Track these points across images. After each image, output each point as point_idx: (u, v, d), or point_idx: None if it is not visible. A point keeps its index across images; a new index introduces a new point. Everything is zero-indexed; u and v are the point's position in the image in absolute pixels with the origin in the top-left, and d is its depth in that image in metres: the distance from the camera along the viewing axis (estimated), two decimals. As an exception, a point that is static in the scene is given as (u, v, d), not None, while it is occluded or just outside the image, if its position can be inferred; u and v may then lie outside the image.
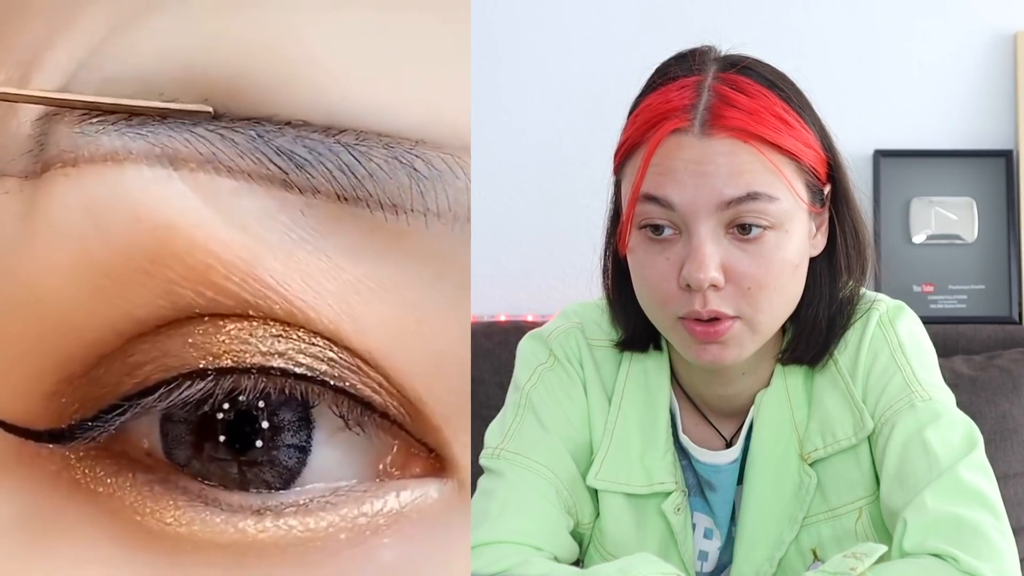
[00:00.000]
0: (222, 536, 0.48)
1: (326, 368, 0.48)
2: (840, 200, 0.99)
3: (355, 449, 0.50)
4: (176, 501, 0.48)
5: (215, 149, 0.47)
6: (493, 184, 1.90)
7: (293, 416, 0.49)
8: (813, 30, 1.89)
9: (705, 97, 0.91)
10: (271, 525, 0.48)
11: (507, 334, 1.66)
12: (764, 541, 1.00)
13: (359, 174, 0.48)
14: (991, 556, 0.87)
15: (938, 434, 0.95)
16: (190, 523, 0.48)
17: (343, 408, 0.49)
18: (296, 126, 0.47)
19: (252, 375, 0.48)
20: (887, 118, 1.89)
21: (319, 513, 0.49)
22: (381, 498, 0.49)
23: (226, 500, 0.48)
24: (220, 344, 0.48)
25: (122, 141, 0.47)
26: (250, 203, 0.48)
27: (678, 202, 0.90)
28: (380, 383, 0.49)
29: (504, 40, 1.92)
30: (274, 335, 0.48)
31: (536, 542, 0.95)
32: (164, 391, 0.48)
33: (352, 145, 0.48)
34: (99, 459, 0.49)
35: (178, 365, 0.48)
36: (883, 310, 1.02)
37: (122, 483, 0.49)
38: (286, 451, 0.49)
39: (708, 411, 1.04)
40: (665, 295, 0.92)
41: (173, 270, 0.47)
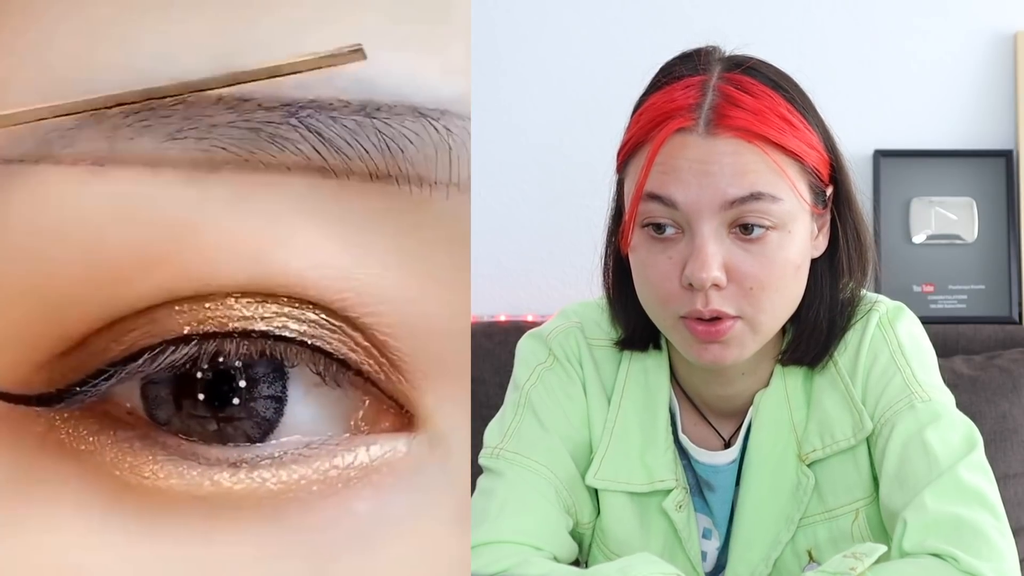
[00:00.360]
0: (198, 489, 0.49)
1: (305, 328, 0.50)
2: (842, 201, 0.99)
3: (329, 405, 0.51)
4: (155, 456, 0.49)
5: (253, 148, 0.48)
6: (493, 184, 1.90)
7: (270, 374, 0.51)
8: (813, 30, 1.89)
9: (710, 97, 0.91)
10: (245, 478, 0.49)
11: (507, 334, 1.66)
12: (760, 541, 1.00)
13: (393, 150, 0.49)
14: (991, 556, 0.87)
15: (938, 435, 0.95)
16: (167, 477, 0.49)
17: (320, 366, 0.50)
18: (336, 107, 0.48)
19: (234, 339, 0.49)
20: (887, 118, 1.89)
21: (292, 466, 0.50)
22: (352, 451, 0.51)
23: (204, 454, 0.50)
24: (204, 311, 0.49)
25: (159, 146, 0.48)
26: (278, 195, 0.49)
27: (681, 201, 0.90)
28: (357, 341, 0.50)
29: (504, 40, 1.92)
30: (258, 301, 0.49)
31: (536, 542, 0.95)
32: (149, 356, 0.49)
33: (387, 120, 0.49)
34: (83, 419, 0.50)
35: (163, 332, 0.49)
36: (883, 311, 1.02)
37: (103, 441, 0.50)
38: (263, 407, 0.51)
39: (707, 411, 1.04)
40: (667, 294, 0.93)
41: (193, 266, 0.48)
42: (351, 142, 0.48)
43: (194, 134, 0.48)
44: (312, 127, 0.48)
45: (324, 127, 0.48)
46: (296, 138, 0.48)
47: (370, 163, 0.49)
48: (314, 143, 0.48)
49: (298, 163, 0.48)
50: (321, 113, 0.48)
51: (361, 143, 0.48)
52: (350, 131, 0.48)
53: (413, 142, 0.49)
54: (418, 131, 0.49)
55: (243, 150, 0.48)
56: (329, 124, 0.48)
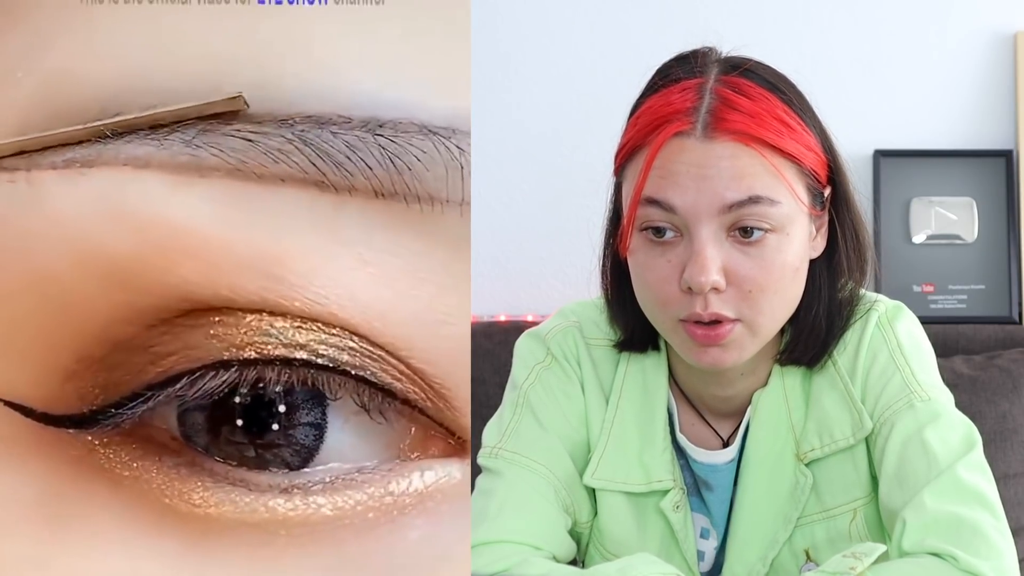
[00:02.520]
0: (252, 515, 0.48)
1: (347, 358, 0.49)
2: (840, 202, 0.99)
3: (372, 432, 0.51)
4: (203, 483, 0.49)
5: (245, 158, 0.48)
6: (493, 184, 1.90)
7: (309, 401, 0.50)
8: (813, 30, 1.89)
9: (707, 100, 0.91)
10: (300, 503, 0.49)
11: (507, 334, 1.66)
12: (758, 541, 1.00)
13: (399, 167, 0.48)
14: (990, 555, 0.87)
15: (937, 434, 0.95)
16: (219, 504, 0.49)
17: (364, 397, 0.50)
18: (337, 123, 0.48)
19: (275, 367, 0.49)
20: (887, 118, 1.89)
21: (346, 492, 0.49)
22: (406, 477, 0.50)
23: (253, 480, 0.49)
24: (241, 336, 0.49)
25: (144, 150, 0.48)
26: (277, 205, 0.48)
27: (680, 205, 0.90)
28: (401, 370, 0.50)
29: (505, 40, 1.92)
30: (295, 327, 0.49)
31: (535, 541, 0.95)
32: (187, 381, 0.49)
33: (392, 138, 0.48)
34: (124, 444, 0.49)
35: (202, 356, 0.49)
36: (882, 311, 1.02)
37: (148, 467, 0.49)
38: (302, 433, 0.50)
39: (705, 411, 1.04)
40: (666, 297, 0.93)
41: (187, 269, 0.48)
42: (352, 157, 0.48)
43: (180, 138, 0.48)
44: (309, 141, 0.48)
45: (322, 141, 0.48)
46: (291, 150, 0.48)
47: (374, 180, 0.48)
48: (311, 156, 0.48)
49: (293, 175, 0.48)
50: (321, 128, 0.48)
51: (364, 159, 0.48)
52: (351, 146, 0.48)
53: (420, 159, 0.48)
54: (426, 149, 0.49)
55: (234, 158, 0.48)
56: (328, 139, 0.48)
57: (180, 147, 0.48)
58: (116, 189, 0.48)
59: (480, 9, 1.87)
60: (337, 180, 0.48)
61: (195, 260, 0.48)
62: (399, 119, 0.48)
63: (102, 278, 0.48)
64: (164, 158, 0.48)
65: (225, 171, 0.48)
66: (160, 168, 0.48)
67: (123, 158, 0.48)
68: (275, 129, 0.48)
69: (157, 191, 0.48)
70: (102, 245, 0.48)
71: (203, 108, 0.47)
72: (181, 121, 0.48)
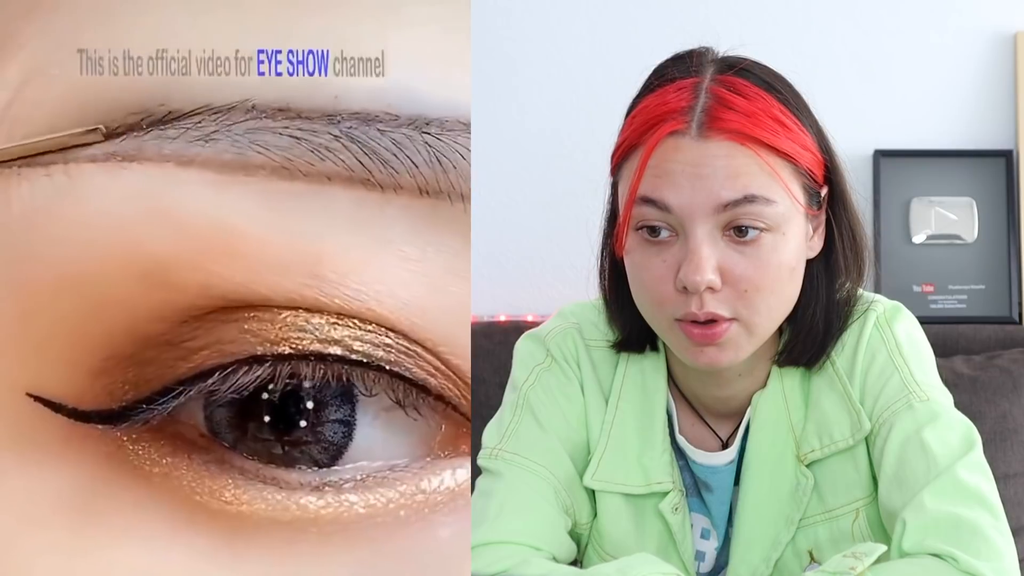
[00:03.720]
0: (284, 513, 0.48)
1: (382, 354, 0.49)
2: (837, 202, 0.99)
3: (404, 429, 0.51)
4: (235, 480, 0.49)
5: (291, 155, 0.47)
6: (493, 184, 1.90)
7: (338, 398, 0.50)
8: (813, 30, 1.89)
9: (702, 99, 0.91)
10: (332, 501, 0.49)
11: (507, 334, 1.66)
12: (760, 542, 1.00)
13: (444, 165, 0.48)
14: (990, 555, 0.87)
15: (936, 434, 0.95)
16: (251, 501, 0.48)
17: (399, 392, 0.50)
18: (384, 120, 0.48)
19: (310, 362, 0.49)
20: (887, 118, 1.89)
21: (378, 490, 0.49)
22: (438, 475, 0.50)
23: (284, 478, 0.49)
24: (276, 331, 0.48)
25: (188, 147, 0.48)
26: (321, 203, 0.48)
27: (675, 204, 0.90)
28: (436, 366, 0.50)
29: (504, 40, 1.92)
30: (330, 323, 0.48)
31: (535, 542, 0.95)
32: (219, 376, 0.49)
33: (439, 136, 0.48)
34: (153, 441, 0.49)
35: (235, 351, 0.48)
36: (880, 311, 1.02)
37: (178, 464, 0.49)
38: (331, 431, 0.50)
39: (704, 412, 1.04)
40: (662, 297, 0.93)
41: (227, 268, 0.48)
42: (399, 155, 0.48)
43: (228, 136, 0.47)
44: (356, 138, 0.47)
45: (369, 139, 0.47)
46: (338, 148, 0.47)
47: (419, 178, 0.48)
48: (358, 154, 0.47)
49: (339, 173, 0.48)
50: (367, 125, 0.48)
51: (410, 157, 0.48)
52: (398, 144, 0.48)
53: (465, 157, 0.48)
54: (469, 147, 0.48)
55: (280, 156, 0.47)
56: (375, 136, 0.48)
57: (226, 144, 0.47)
58: (157, 186, 0.47)
59: (481, 9, 1.87)
60: (383, 178, 0.48)
61: (235, 260, 0.47)
62: (445, 117, 0.48)
63: (139, 276, 0.48)
64: (209, 156, 0.47)
65: (271, 169, 0.47)
66: (204, 166, 0.47)
67: (167, 154, 0.47)
68: (322, 126, 0.47)
69: (200, 189, 0.47)
70: (141, 243, 0.47)
71: (62, 140, 0.47)
72: (43, 153, 0.47)
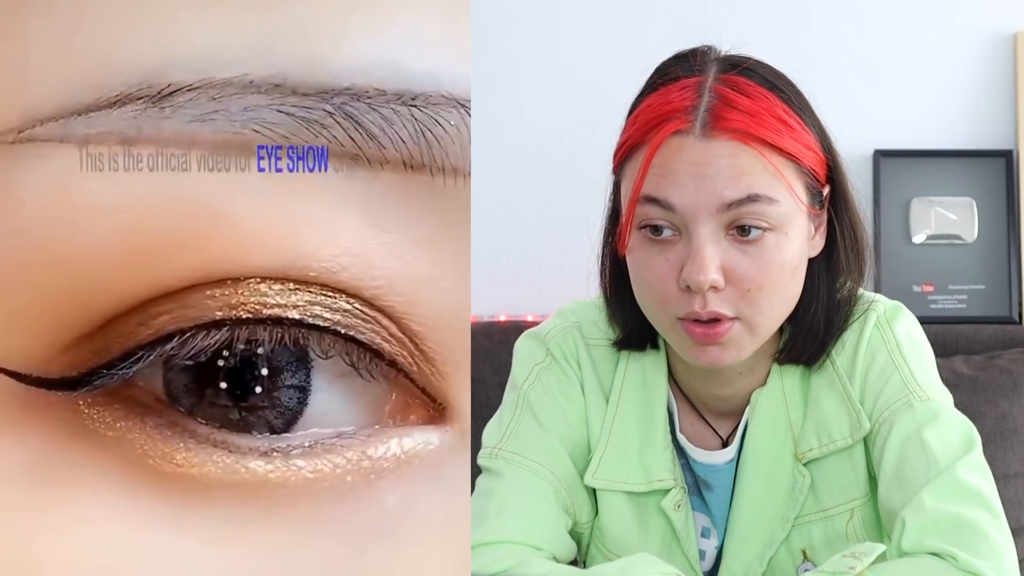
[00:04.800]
0: (233, 476, 0.49)
1: (339, 318, 0.49)
2: (839, 201, 0.99)
3: (354, 396, 0.51)
4: (186, 444, 0.49)
5: (287, 132, 0.48)
6: (493, 184, 1.90)
7: (294, 364, 0.51)
8: (813, 30, 1.89)
9: (706, 99, 0.91)
10: (281, 465, 0.49)
11: (507, 334, 1.66)
12: (755, 540, 1.00)
13: (429, 139, 0.49)
14: (990, 555, 0.87)
15: (936, 434, 0.95)
16: (201, 464, 0.49)
17: (353, 356, 0.50)
18: (372, 95, 0.48)
19: (267, 326, 0.49)
20: (887, 118, 1.89)
21: (326, 456, 0.50)
22: (385, 443, 0.50)
23: (235, 443, 0.49)
24: (238, 297, 0.49)
25: (187, 128, 0.48)
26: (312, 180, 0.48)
27: (678, 204, 0.90)
28: (392, 332, 0.50)
29: (504, 39, 1.92)
30: (290, 288, 0.49)
31: (535, 542, 0.95)
32: (179, 340, 0.49)
33: (424, 108, 0.49)
34: (108, 405, 0.49)
35: (195, 316, 0.49)
36: (880, 311, 1.02)
37: (131, 427, 0.49)
38: (287, 396, 0.51)
39: (705, 410, 1.04)
40: (664, 296, 0.93)
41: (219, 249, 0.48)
42: (387, 130, 0.48)
43: (225, 116, 0.48)
44: (348, 113, 0.48)
45: (359, 114, 0.48)
46: (331, 124, 0.48)
47: (405, 152, 0.49)
48: (349, 130, 0.48)
49: (332, 150, 0.48)
50: (358, 101, 0.48)
51: (397, 131, 0.48)
52: (386, 119, 0.48)
53: (447, 131, 0.49)
54: (454, 120, 0.49)
55: (276, 134, 0.48)
56: (365, 111, 0.48)
57: (224, 123, 0.48)
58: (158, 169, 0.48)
59: (481, 8, 1.87)
60: (371, 152, 0.48)
61: (229, 241, 0.48)
62: (428, 91, 0.49)
63: (129, 258, 0.48)
64: (207, 136, 0.48)
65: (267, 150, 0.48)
66: (203, 147, 0.48)
67: (166, 136, 0.48)
68: (316, 103, 0.48)
69: (200, 171, 0.48)
70: (135, 225, 0.47)
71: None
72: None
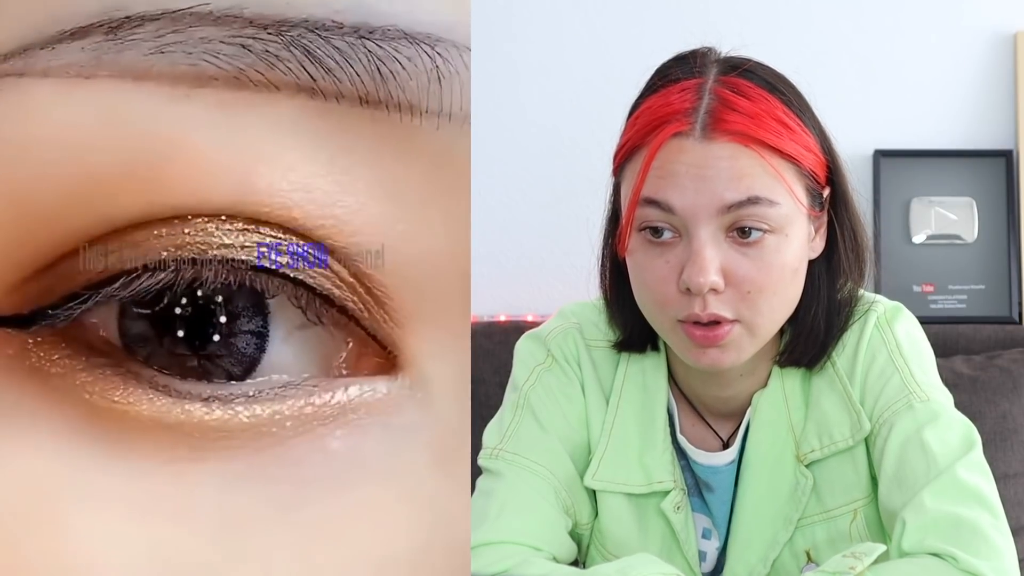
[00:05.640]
0: (168, 416, 0.49)
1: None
2: (839, 203, 0.99)
3: (310, 347, 0.51)
4: (126, 383, 0.49)
5: (243, 64, 0.47)
6: (493, 183, 1.90)
7: (249, 310, 0.50)
8: (813, 30, 1.89)
9: (706, 100, 0.91)
10: (218, 410, 0.49)
11: (507, 334, 1.66)
12: (758, 542, 1.00)
13: (384, 74, 0.48)
14: (990, 555, 0.87)
15: (936, 434, 0.95)
16: (137, 402, 0.49)
17: (301, 300, 0.50)
18: (329, 28, 0.48)
19: (213, 266, 0.49)
20: (887, 118, 1.89)
21: (266, 403, 0.50)
22: (329, 391, 0.50)
23: (176, 387, 0.49)
24: (184, 236, 0.48)
25: (145, 59, 0.47)
26: (265, 114, 0.48)
27: (678, 206, 0.90)
28: (341, 276, 0.49)
29: (504, 39, 1.92)
30: (239, 228, 0.48)
31: (535, 542, 0.95)
32: (124, 280, 0.49)
33: (380, 43, 0.48)
34: (55, 344, 0.49)
35: (141, 255, 0.48)
36: (881, 311, 1.02)
37: (75, 365, 0.49)
38: (243, 344, 0.50)
39: (705, 412, 1.04)
40: (664, 298, 0.93)
41: (175, 185, 0.48)
42: (342, 64, 0.48)
43: (182, 48, 0.47)
44: (303, 46, 0.47)
45: (315, 47, 0.47)
46: (286, 56, 0.47)
47: (360, 87, 0.48)
48: (303, 62, 0.47)
49: (287, 82, 0.48)
50: (313, 33, 0.47)
51: (352, 66, 0.48)
52: (341, 53, 0.48)
53: (405, 67, 0.48)
54: (410, 56, 0.48)
55: (232, 66, 0.47)
56: (320, 44, 0.47)
57: (180, 56, 0.47)
58: (114, 102, 0.47)
59: (481, 9, 1.87)
60: (326, 86, 0.48)
61: (185, 175, 0.47)
62: (387, 25, 0.48)
63: (86, 194, 0.47)
64: (164, 68, 0.47)
65: (223, 80, 0.47)
66: (159, 79, 0.47)
67: (123, 68, 0.47)
68: (271, 35, 0.47)
69: (156, 104, 0.47)
70: (91, 163, 0.47)
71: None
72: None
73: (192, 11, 0.47)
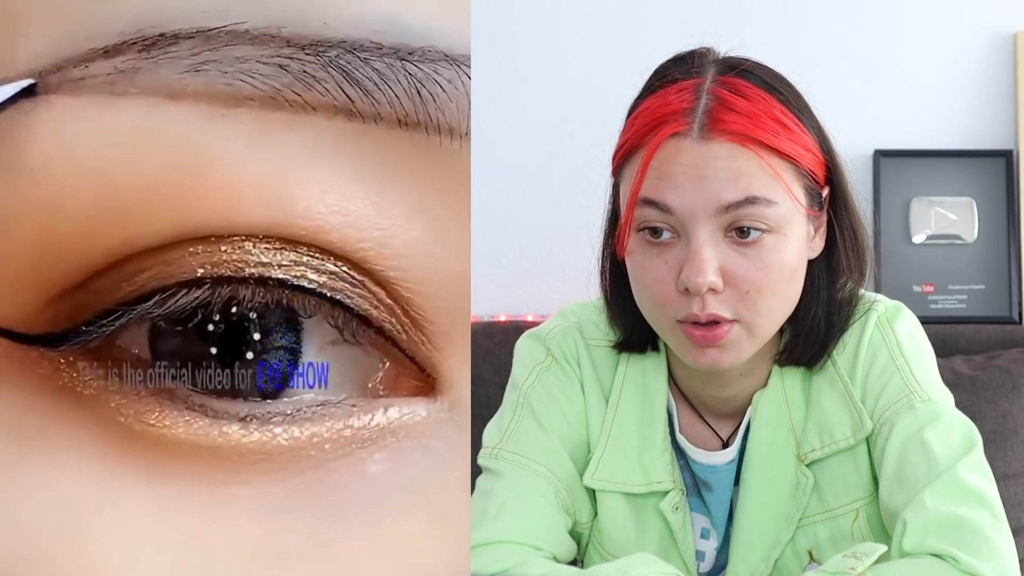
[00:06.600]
0: (205, 439, 0.48)
1: (325, 280, 0.48)
2: (838, 203, 0.99)
3: (345, 365, 0.50)
4: (161, 405, 0.48)
5: (279, 85, 0.47)
6: (493, 184, 1.90)
7: (284, 328, 0.50)
8: (812, 30, 1.89)
9: (704, 101, 0.91)
10: (255, 431, 0.48)
11: (507, 334, 1.66)
12: (760, 542, 1.00)
13: (424, 97, 0.48)
14: (990, 555, 0.87)
15: (937, 434, 0.95)
16: (173, 425, 0.48)
17: (338, 320, 0.49)
18: (367, 48, 0.47)
19: (249, 285, 0.48)
20: (887, 118, 1.89)
21: (305, 424, 0.49)
22: (368, 413, 0.49)
23: (212, 406, 0.48)
24: (220, 254, 0.48)
25: (180, 78, 0.47)
26: (302, 135, 0.47)
27: (677, 206, 0.90)
28: (380, 298, 0.49)
29: (504, 38, 1.92)
30: (276, 248, 0.48)
31: (535, 542, 0.95)
32: (160, 298, 0.48)
33: (420, 65, 0.47)
34: (88, 363, 0.49)
35: (176, 273, 0.48)
36: (881, 311, 1.02)
37: (108, 387, 0.49)
38: (276, 364, 0.50)
39: (705, 412, 1.04)
40: (663, 298, 0.93)
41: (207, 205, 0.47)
42: (380, 85, 0.47)
43: (217, 67, 0.47)
44: (340, 67, 0.47)
45: (353, 67, 0.47)
46: (323, 77, 0.47)
47: (399, 109, 0.47)
48: (341, 83, 0.47)
49: (324, 103, 0.47)
50: (351, 54, 0.47)
51: (391, 87, 0.47)
52: (380, 74, 0.47)
53: (445, 89, 0.48)
54: (450, 78, 0.48)
55: (268, 86, 0.47)
56: (359, 65, 0.47)
57: (216, 75, 0.47)
58: (146, 120, 0.47)
59: (482, 8, 1.87)
60: (364, 108, 0.47)
61: (217, 196, 0.47)
62: (426, 46, 0.47)
63: (115, 213, 0.47)
64: (199, 86, 0.47)
65: (259, 100, 0.47)
66: (194, 99, 0.47)
67: (157, 86, 0.47)
68: (309, 56, 0.47)
69: (189, 124, 0.47)
70: (124, 180, 0.47)
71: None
72: None
73: (228, 29, 0.47)
